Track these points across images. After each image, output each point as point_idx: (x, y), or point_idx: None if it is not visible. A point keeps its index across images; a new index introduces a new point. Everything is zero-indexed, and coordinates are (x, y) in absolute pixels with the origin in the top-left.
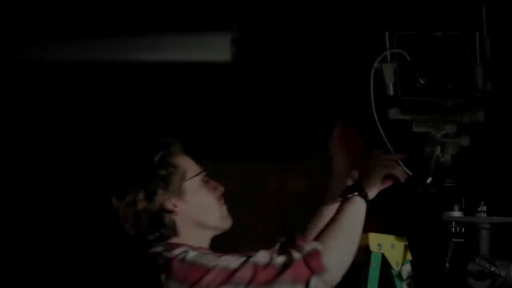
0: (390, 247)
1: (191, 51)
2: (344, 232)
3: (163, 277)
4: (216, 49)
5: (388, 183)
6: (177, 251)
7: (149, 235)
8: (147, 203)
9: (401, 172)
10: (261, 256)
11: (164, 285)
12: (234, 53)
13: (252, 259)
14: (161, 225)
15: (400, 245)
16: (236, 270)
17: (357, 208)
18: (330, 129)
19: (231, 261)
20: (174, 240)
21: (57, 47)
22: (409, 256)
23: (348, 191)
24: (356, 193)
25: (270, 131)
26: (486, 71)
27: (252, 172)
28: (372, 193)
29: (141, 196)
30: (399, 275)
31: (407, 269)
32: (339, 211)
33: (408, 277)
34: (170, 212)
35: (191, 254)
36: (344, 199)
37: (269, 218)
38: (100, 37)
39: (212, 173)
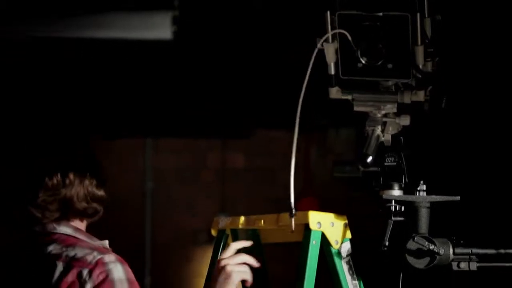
0: (329, 225)
1: (133, 29)
2: None
3: (85, 272)
4: (157, 27)
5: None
6: (107, 258)
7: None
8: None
9: (250, 275)
10: None
11: (81, 280)
12: (175, 31)
13: None
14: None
15: (339, 224)
16: None
17: None
18: (269, 107)
19: None
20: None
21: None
22: (348, 235)
23: None
24: None
25: (210, 108)
26: (427, 52)
27: (193, 149)
28: None
29: None
30: (339, 253)
31: (346, 247)
32: None
33: (347, 255)
34: None
35: (121, 272)
36: None
37: (210, 194)
38: (43, 15)
39: (154, 149)
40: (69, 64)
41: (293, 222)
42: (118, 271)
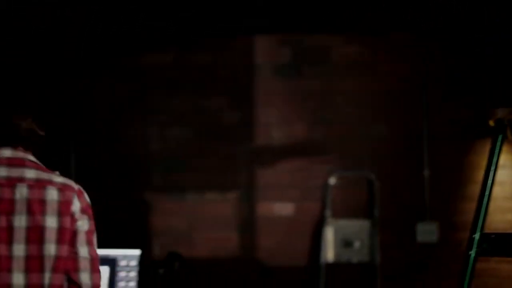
0: None
1: None
2: None
3: (74, 195)
4: None
5: None
6: (82, 189)
7: None
8: None
9: None
10: None
11: (72, 204)
12: None
13: None
14: None
15: None
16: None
17: None
18: None
19: None
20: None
21: None
22: None
23: None
24: None
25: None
26: None
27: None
28: None
29: None
30: None
31: None
32: None
33: None
34: None
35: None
36: None
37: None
38: None
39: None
40: None
41: None
42: (88, 198)
